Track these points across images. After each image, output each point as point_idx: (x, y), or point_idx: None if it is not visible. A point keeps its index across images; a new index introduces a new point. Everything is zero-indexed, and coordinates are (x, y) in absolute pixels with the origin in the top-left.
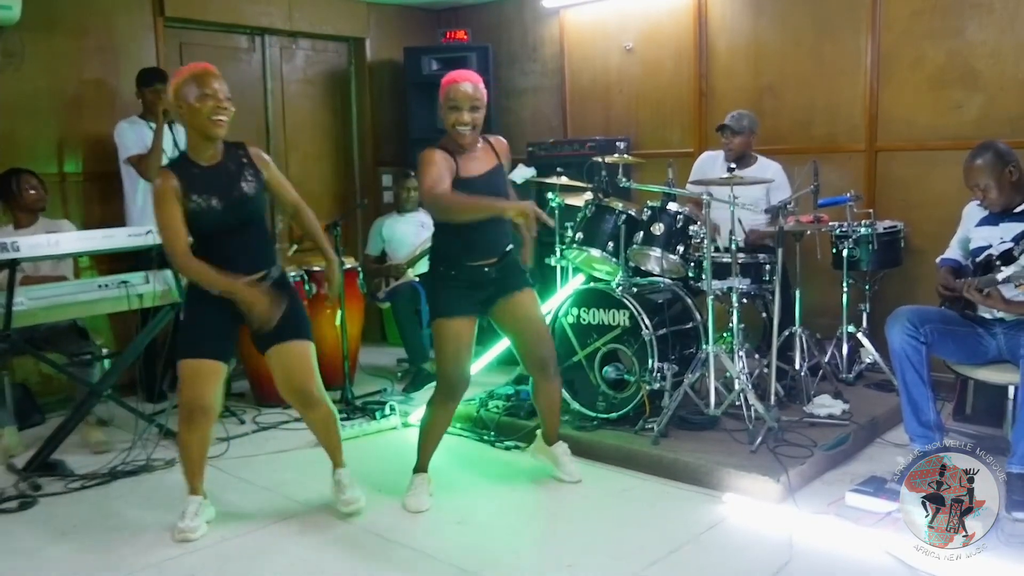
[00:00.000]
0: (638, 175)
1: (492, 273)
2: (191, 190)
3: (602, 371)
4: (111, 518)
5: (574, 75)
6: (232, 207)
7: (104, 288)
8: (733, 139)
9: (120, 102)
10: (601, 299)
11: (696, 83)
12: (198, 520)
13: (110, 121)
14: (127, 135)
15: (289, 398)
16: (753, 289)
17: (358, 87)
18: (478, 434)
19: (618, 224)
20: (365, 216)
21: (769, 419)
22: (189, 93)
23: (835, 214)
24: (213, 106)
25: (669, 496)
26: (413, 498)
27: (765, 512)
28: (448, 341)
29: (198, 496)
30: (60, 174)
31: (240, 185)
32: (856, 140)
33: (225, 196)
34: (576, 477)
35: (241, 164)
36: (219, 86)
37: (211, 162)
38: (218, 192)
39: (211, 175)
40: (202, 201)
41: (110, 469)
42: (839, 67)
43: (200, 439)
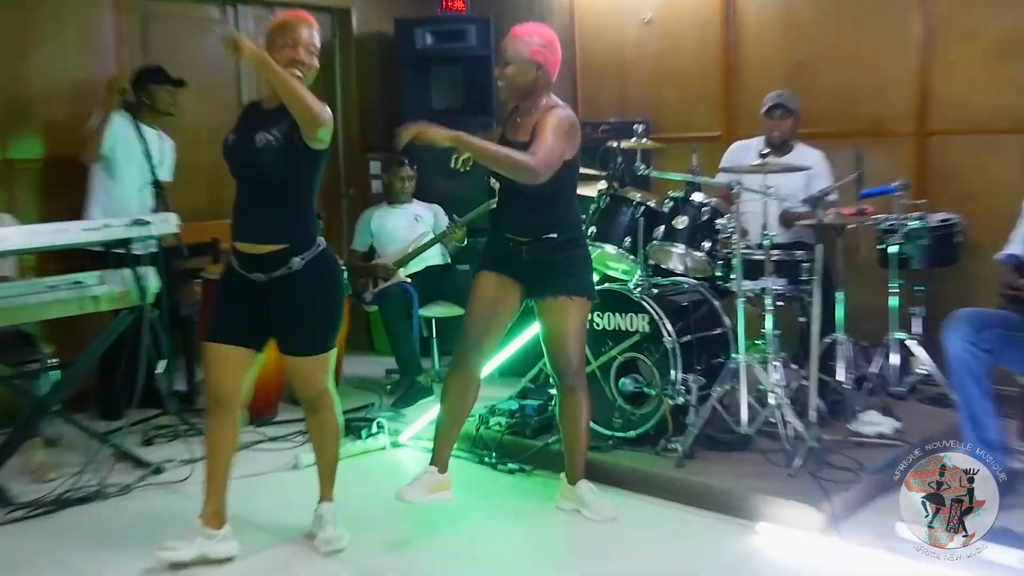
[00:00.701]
0: (658, 162)
1: (524, 253)
2: (240, 122)
3: (618, 383)
4: (58, 552)
5: (585, 50)
6: (238, 149)
7: (54, 289)
8: (784, 121)
9: (73, 80)
10: (617, 302)
11: (723, 58)
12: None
13: (62, 102)
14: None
15: (301, 401)
16: (789, 290)
17: (343, 63)
18: (478, 455)
19: (636, 217)
20: (351, 208)
21: (809, 438)
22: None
23: (881, 206)
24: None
25: (695, 525)
26: (409, 488)
27: (805, 544)
28: (479, 294)
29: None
30: (3, 161)
31: (261, 132)
32: (904, 122)
33: (241, 137)
34: (609, 515)
35: (283, 118)
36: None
37: (272, 105)
38: (241, 131)
39: (258, 115)
40: (229, 135)
41: (58, 496)
42: (885, 39)
43: (217, 434)
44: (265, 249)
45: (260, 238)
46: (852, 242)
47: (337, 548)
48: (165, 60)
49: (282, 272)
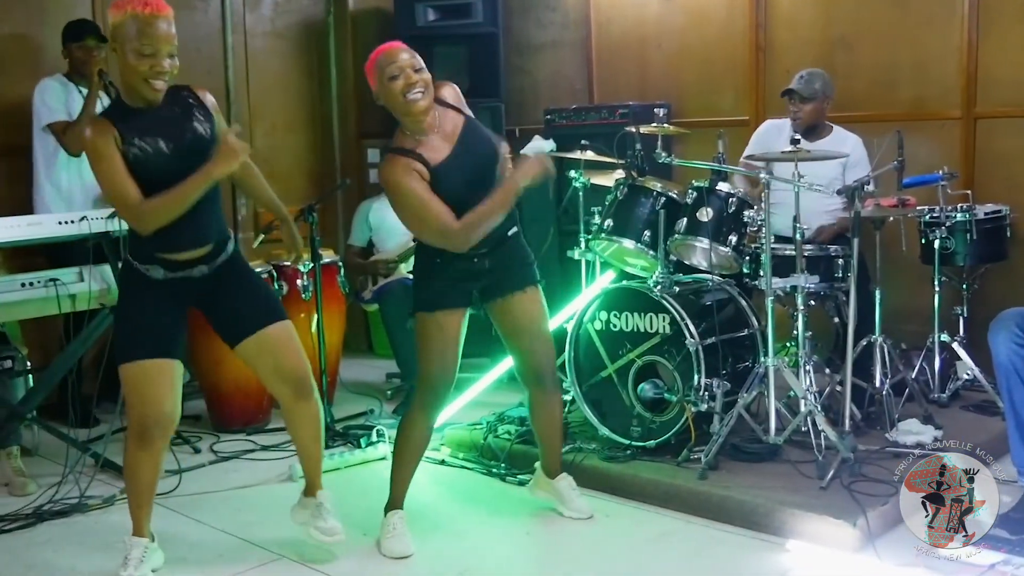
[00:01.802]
0: (681, 149)
1: (485, 263)
2: (131, 134)
3: (637, 389)
4: (36, 569)
5: (602, 27)
6: (184, 151)
7: (28, 287)
8: (802, 107)
9: (46, 60)
10: (635, 301)
11: (752, 35)
12: (143, 568)
13: (32, 84)
14: (51, 95)
15: (279, 390)
16: (823, 288)
17: (338, 42)
18: (486, 465)
19: (656, 209)
20: (347, 199)
21: (843, 448)
22: (125, 39)
23: (924, 196)
24: (151, 67)
25: (719, 542)
26: (394, 540)
27: (839, 563)
28: (431, 337)
29: (144, 538)
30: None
31: (193, 125)
32: (950, 105)
33: (175, 138)
34: (585, 513)
35: (189, 105)
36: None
37: (150, 104)
38: (166, 134)
39: (154, 117)
40: (147, 145)
41: (35, 509)
42: (929, 14)
43: (155, 460)
44: (206, 250)
45: (203, 241)
46: (892, 236)
47: (341, 539)
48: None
49: (222, 259)
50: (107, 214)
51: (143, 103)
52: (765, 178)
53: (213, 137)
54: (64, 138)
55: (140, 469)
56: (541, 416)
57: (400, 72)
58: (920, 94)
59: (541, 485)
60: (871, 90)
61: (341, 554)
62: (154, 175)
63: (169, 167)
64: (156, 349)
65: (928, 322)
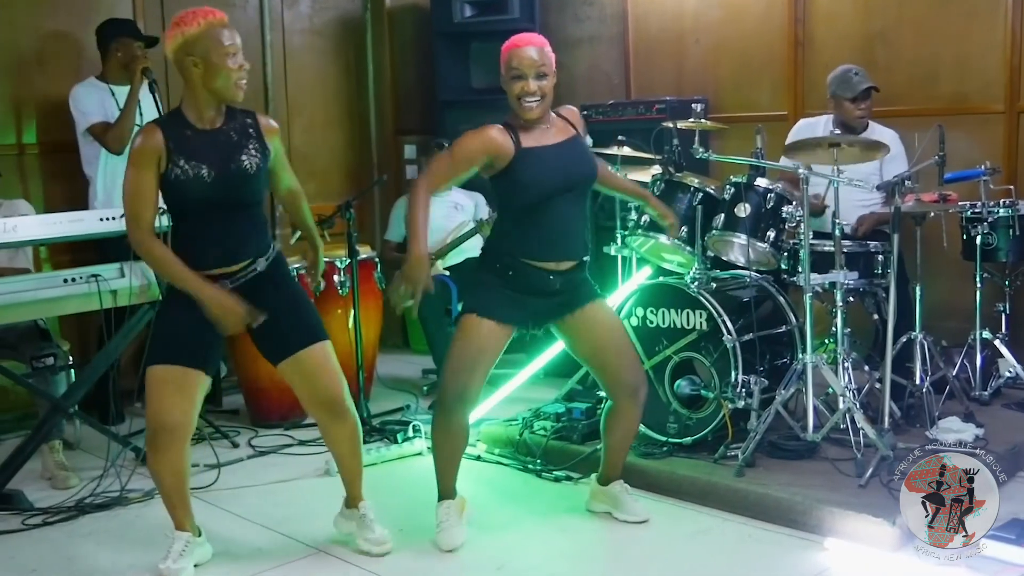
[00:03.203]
0: (718, 144)
1: (556, 283)
2: (179, 153)
3: (674, 385)
4: (78, 561)
5: (639, 21)
6: (224, 182)
7: (71, 283)
8: (868, 102)
9: (88, 59)
10: (672, 297)
11: (790, 30)
12: (183, 562)
13: (74, 83)
14: (86, 100)
15: (314, 411)
16: (862, 285)
17: (375, 39)
18: (522, 462)
19: (693, 204)
20: (384, 195)
21: (882, 446)
22: (210, 47)
23: (966, 191)
24: (240, 67)
25: (756, 540)
26: (445, 533)
27: (877, 562)
28: (471, 342)
29: (185, 532)
30: (18, 145)
31: (240, 158)
32: (993, 99)
33: (219, 167)
34: (641, 516)
35: (247, 134)
36: (237, 40)
37: (210, 125)
38: (212, 160)
39: (207, 140)
40: (189, 168)
41: (77, 502)
42: (971, 7)
43: (172, 466)
44: (237, 267)
45: (234, 260)
46: (933, 232)
47: (390, 549)
48: None
49: (250, 277)
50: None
51: (212, 119)
52: (803, 174)
53: (259, 171)
54: (105, 138)
55: (158, 473)
56: (620, 426)
57: (522, 75)
58: (962, 88)
59: (595, 495)
60: (912, 84)
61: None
62: (189, 198)
63: (204, 194)
64: (181, 357)
65: (969, 319)
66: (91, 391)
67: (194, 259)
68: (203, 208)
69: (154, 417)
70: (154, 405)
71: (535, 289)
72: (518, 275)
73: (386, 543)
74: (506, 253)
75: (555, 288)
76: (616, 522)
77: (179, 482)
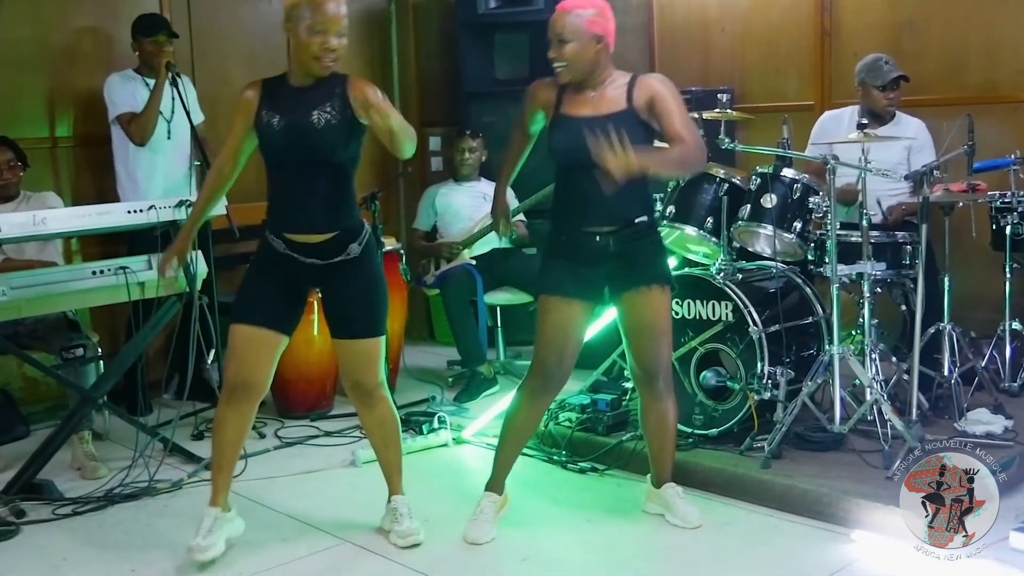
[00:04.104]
0: (744, 134)
1: (609, 245)
2: (267, 105)
3: (699, 377)
4: (108, 550)
5: (664, 10)
6: (291, 132)
7: (99, 275)
8: (897, 92)
9: (118, 53)
10: (698, 288)
11: (817, 19)
12: (212, 537)
13: (105, 76)
14: (117, 90)
15: (349, 390)
16: (890, 275)
17: (400, 31)
18: (547, 453)
19: (719, 195)
20: (408, 187)
21: (910, 438)
22: (300, 19)
23: (995, 181)
24: (320, 44)
25: (782, 532)
26: (476, 526)
27: (905, 555)
28: (546, 322)
29: (216, 508)
30: (52, 138)
31: (312, 112)
32: (1022, 88)
33: (291, 118)
34: (694, 522)
35: (331, 94)
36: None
37: (301, 84)
38: (288, 112)
39: (293, 94)
40: (268, 117)
41: (106, 492)
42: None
43: (237, 419)
44: (322, 238)
45: (316, 228)
46: (961, 222)
47: (416, 541)
48: (211, 30)
49: (340, 259)
50: (175, 203)
51: (305, 80)
52: (832, 164)
53: (330, 129)
54: (129, 128)
55: (224, 425)
56: (651, 421)
57: (551, 40)
58: (991, 77)
59: (650, 497)
60: (939, 74)
61: None
62: (264, 146)
63: (274, 143)
64: (261, 318)
65: (999, 310)
66: (120, 382)
67: (274, 216)
68: (280, 161)
69: (233, 375)
70: (234, 364)
71: (590, 255)
72: (571, 241)
73: (411, 535)
74: (557, 216)
75: (609, 251)
76: (641, 513)
77: (236, 439)
